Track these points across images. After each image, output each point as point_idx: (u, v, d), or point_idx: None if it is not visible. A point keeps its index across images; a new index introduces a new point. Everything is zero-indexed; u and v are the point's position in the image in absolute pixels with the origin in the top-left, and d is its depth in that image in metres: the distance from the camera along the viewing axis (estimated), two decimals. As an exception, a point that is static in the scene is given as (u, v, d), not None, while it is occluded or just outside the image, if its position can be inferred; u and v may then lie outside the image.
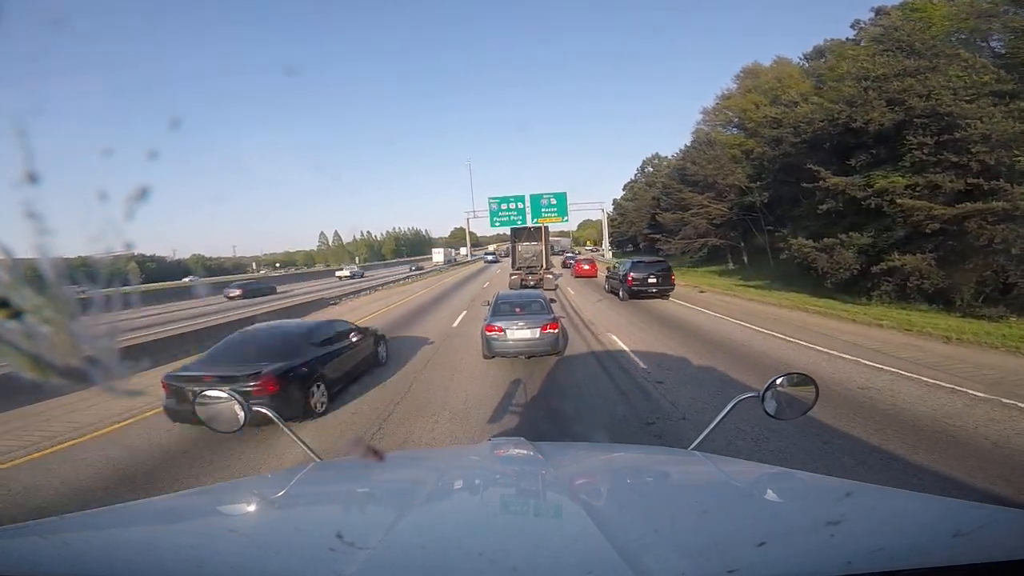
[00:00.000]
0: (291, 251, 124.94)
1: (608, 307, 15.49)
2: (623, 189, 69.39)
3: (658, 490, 1.44)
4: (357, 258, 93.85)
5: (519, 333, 7.84)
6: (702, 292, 19.04)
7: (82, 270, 0.59)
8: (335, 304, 21.11)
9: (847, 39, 28.58)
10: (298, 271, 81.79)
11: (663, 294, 16.86)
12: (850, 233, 15.40)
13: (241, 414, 1.75)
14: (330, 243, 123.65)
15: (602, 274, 24.06)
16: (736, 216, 25.97)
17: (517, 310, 8.53)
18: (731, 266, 29.36)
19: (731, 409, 1.78)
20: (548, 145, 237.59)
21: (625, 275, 17.11)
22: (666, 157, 57.59)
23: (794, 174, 21.82)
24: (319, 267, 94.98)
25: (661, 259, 19.60)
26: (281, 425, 1.84)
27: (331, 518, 1.26)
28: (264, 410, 1.86)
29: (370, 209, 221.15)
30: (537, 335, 7.82)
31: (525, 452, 1.71)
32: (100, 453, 5.47)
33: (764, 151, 22.90)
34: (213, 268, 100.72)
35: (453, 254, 59.15)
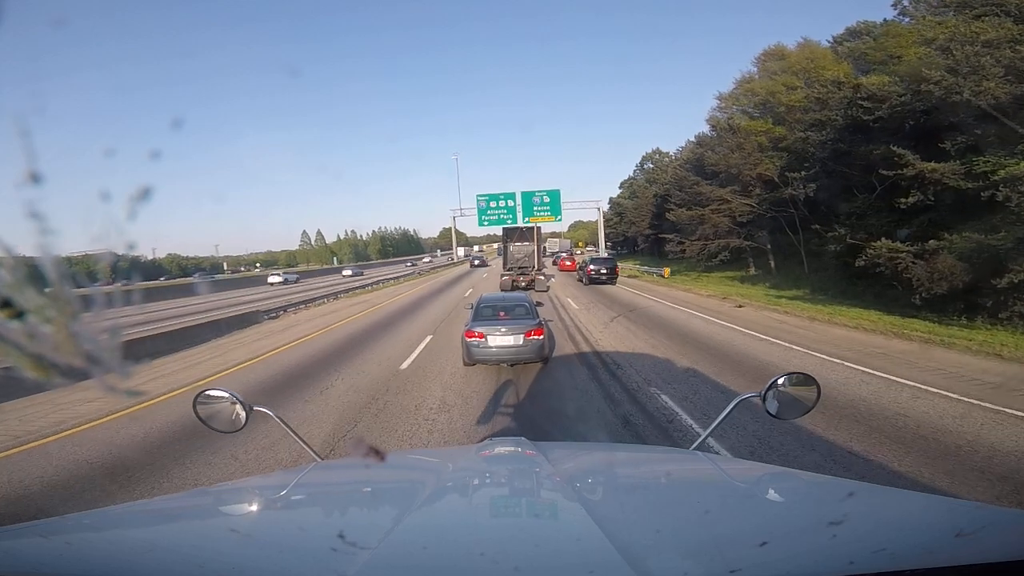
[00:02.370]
0: (274, 251, 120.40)
1: (625, 329, 11.35)
2: (620, 187, 65.47)
3: (659, 490, 1.40)
4: (335, 258, 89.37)
5: (501, 339, 7.40)
6: (740, 307, 14.99)
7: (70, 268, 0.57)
8: (274, 318, 16.79)
9: (885, 20, 25.40)
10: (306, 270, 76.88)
11: (611, 281, 23.47)
12: (963, 233, 11.45)
13: (242, 414, 1.70)
14: (312, 243, 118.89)
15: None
16: (765, 212, 21.96)
17: (501, 314, 8.00)
18: (753, 271, 25.41)
19: (732, 409, 1.73)
20: (539, 147, 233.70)
21: (585, 268, 24.74)
22: (668, 153, 53.92)
23: (844, 162, 17.93)
24: (311, 266, 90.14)
25: (610, 257, 29.18)
26: (283, 425, 1.78)
27: (333, 518, 1.24)
28: (265, 410, 1.77)
29: (357, 209, 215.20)
30: (520, 341, 7.38)
31: (526, 452, 1.69)
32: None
33: (807, 136, 18.97)
34: (188, 268, 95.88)
35: (472, 251, 76.70)
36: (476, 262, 46.42)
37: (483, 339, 7.34)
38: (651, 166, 55.24)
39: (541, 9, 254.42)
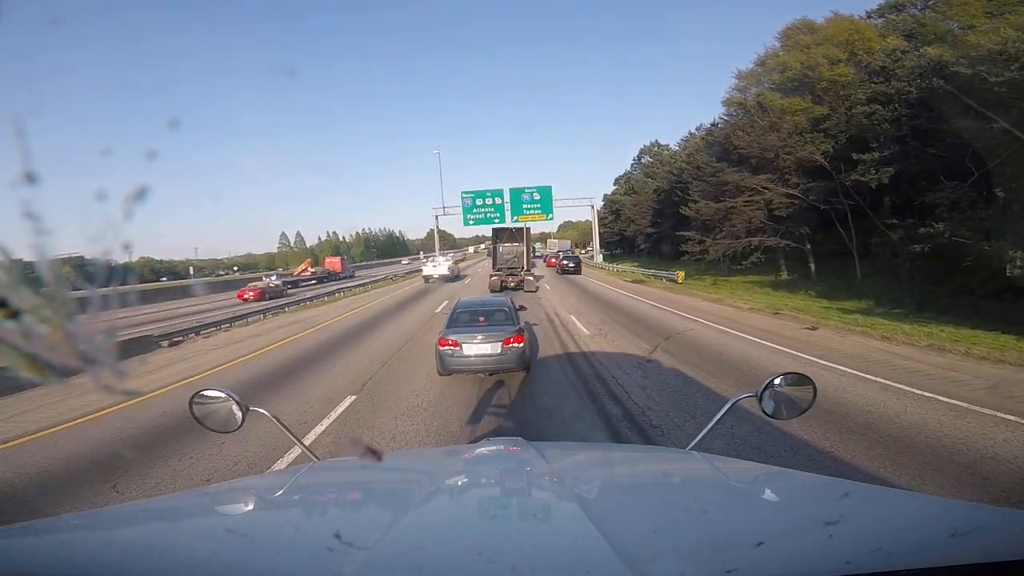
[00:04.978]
0: (255, 253, 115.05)
1: (676, 376, 7.16)
2: (615, 184, 61.37)
3: (656, 490, 1.38)
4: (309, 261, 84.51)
5: (478, 348, 6.66)
6: (813, 329, 10.87)
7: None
8: (177, 343, 12.34)
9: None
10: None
11: (576, 271, 31.45)
12: None
13: (238, 414, 1.68)
14: (291, 244, 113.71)
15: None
16: (816, 204, 17.85)
17: (480, 319, 7.35)
18: (786, 276, 21.40)
19: (728, 409, 1.73)
20: (532, 148, 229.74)
21: (558, 263, 34.66)
22: (668, 145, 49.99)
23: (926, 142, 14.00)
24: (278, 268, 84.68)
25: (576, 255, 39.84)
26: (280, 425, 1.75)
27: (329, 518, 1.22)
28: (262, 410, 1.74)
29: (341, 211, 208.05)
30: (499, 350, 6.61)
31: (523, 452, 1.65)
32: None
33: (871, 111, 15.06)
34: (161, 272, 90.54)
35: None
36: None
37: (458, 347, 6.71)
38: (650, 160, 51.18)
39: (536, 8, 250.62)
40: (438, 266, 31.86)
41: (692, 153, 25.96)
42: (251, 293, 26.57)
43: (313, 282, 33.84)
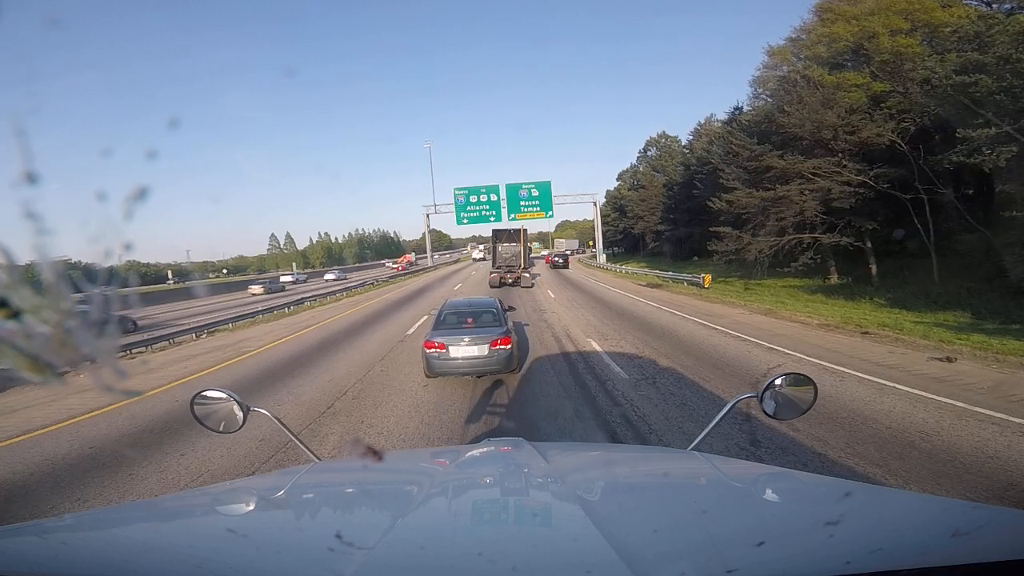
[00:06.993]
0: (247, 256, 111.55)
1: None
2: (617, 179, 58.00)
3: (657, 490, 1.35)
4: (294, 264, 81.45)
5: (464, 350, 6.61)
6: (950, 361, 7.56)
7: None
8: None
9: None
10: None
11: (565, 266, 38.51)
12: None
13: (239, 414, 1.67)
14: (282, 246, 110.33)
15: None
16: (878, 194, 14.58)
17: (468, 321, 7.30)
18: (836, 279, 18.10)
19: (729, 409, 1.71)
20: (526, 149, 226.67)
21: (553, 260, 40.85)
22: (676, 137, 46.70)
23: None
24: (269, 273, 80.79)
25: (566, 252, 47.80)
26: (280, 426, 1.74)
27: (330, 518, 1.23)
28: (263, 411, 1.74)
29: (337, 212, 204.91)
30: (486, 352, 6.57)
31: (523, 452, 1.62)
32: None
33: (974, 80, 11.89)
34: (148, 276, 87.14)
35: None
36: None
37: (444, 350, 6.57)
38: (657, 152, 47.82)
39: (536, 7, 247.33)
40: (477, 252, 59.31)
41: (724, 135, 22.57)
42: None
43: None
